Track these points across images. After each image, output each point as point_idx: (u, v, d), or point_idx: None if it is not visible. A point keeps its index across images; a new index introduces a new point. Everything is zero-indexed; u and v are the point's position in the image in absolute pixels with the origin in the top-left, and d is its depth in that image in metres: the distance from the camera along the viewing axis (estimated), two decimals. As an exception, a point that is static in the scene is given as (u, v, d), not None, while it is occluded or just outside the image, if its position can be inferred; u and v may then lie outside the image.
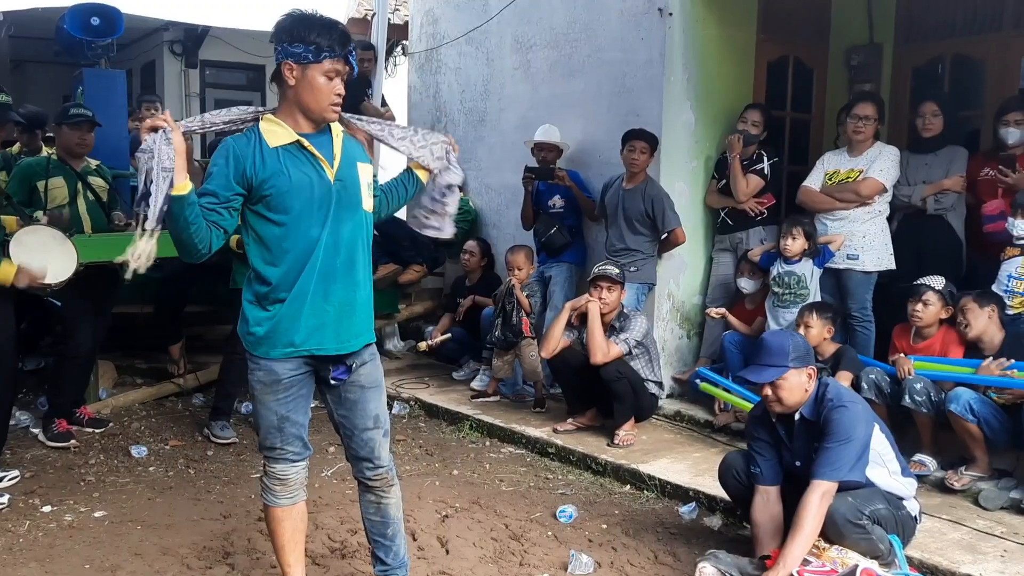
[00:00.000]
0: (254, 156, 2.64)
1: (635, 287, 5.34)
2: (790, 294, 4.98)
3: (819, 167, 5.27)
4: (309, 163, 2.70)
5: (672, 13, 5.45)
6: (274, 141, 2.68)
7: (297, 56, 2.60)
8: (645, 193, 5.42)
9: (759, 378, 3.28)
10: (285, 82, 2.65)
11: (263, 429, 2.85)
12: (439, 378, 6.42)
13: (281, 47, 2.63)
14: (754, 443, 3.43)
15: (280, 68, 2.65)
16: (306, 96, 2.64)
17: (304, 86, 2.63)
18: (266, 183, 2.64)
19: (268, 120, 2.72)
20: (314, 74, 2.61)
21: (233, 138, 2.70)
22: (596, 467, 4.65)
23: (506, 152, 6.90)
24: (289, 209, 2.66)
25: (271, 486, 2.91)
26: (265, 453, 2.90)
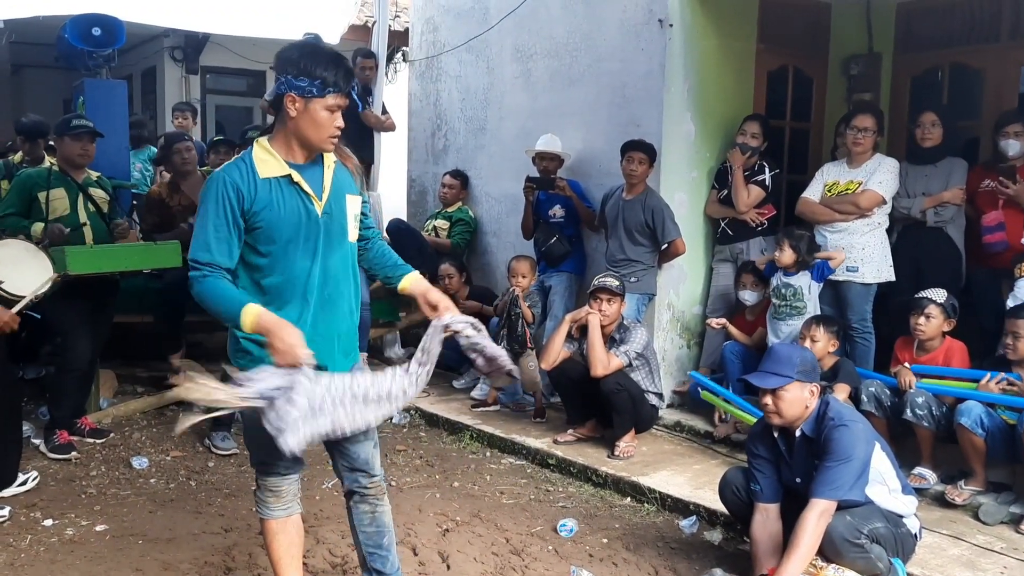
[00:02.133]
0: (248, 189, 2.65)
1: (635, 298, 5.35)
2: (787, 306, 4.99)
3: (818, 178, 5.28)
4: (298, 196, 2.71)
5: (672, 24, 5.46)
6: (265, 171, 2.68)
7: (301, 90, 2.60)
8: (645, 204, 5.43)
9: (762, 383, 3.29)
10: (285, 112, 2.65)
11: (261, 451, 2.85)
12: (439, 387, 6.43)
13: (285, 79, 2.63)
14: (754, 460, 3.44)
15: (282, 98, 2.64)
16: (307, 128, 2.65)
17: (306, 119, 2.63)
18: (257, 216, 2.66)
19: (261, 147, 2.71)
20: (317, 108, 2.62)
21: (221, 177, 2.66)
22: (596, 479, 4.66)
23: (506, 160, 6.91)
24: (276, 240, 2.68)
25: (265, 499, 2.94)
26: (261, 473, 2.92)
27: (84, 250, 4.69)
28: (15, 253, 4.27)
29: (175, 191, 5.95)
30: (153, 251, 5.01)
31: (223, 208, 2.61)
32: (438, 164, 7.70)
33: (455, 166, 7.37)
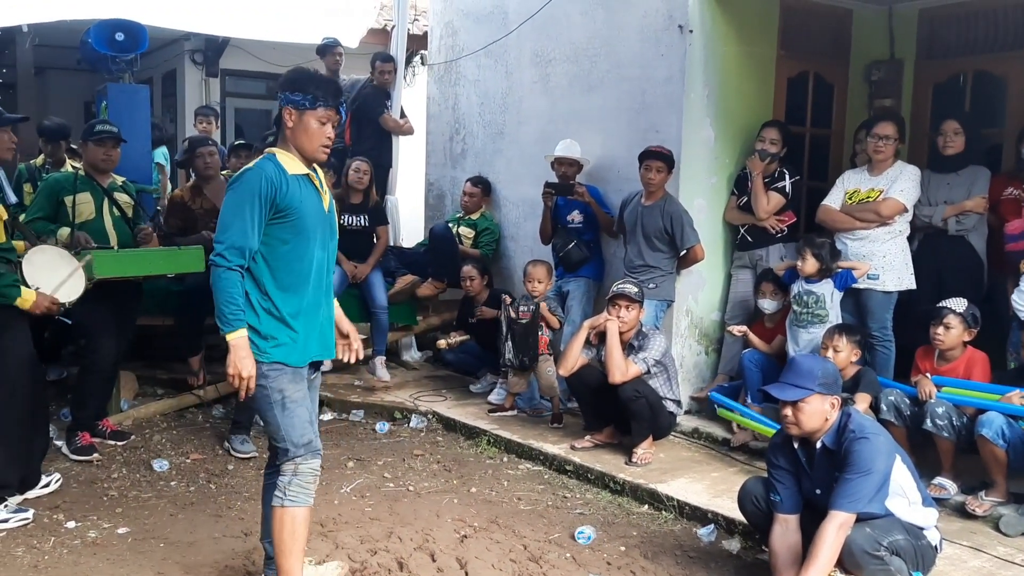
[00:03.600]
0: (280, 183, 3.00)
1: (654, 304, 5.35)
2: (808, 314, 4.97)
3: (839, 186, 5.26)
4: (315, 192, 3.13)
5: (692, 30, 5.46)
6: (291, 169, 3.07)
7: (296, 103, 3.02)
8: (664, 210, 5.43)
9: (782, 395, 3.28)
10: (284, 124, 3.06)
11: (297, 428, 3.08)
12: (456, 391, 6.45)
13: (283, 95, 3.05)
14: (774, 471, 3.43)
15: (281, 112, 3.06)
16: (300, 137, 3.05)
17: (300, 129, 3.04)
18: (290, 207, 3.02)
19: (282, 154, 3.08)
20: (309, 119, 3.03)
21: (259, 169, 3.02)
22: (614, 486, 4.66)
23: (524, 165, 6.92)
24: (301, 231, 3.05)
25: (306, 485, 3.13)
26: (300, 452, 3.10)
27: (110, 254, 4.73)
28: (50, 259, 4.33)
29: (198, 195, 6.00)
30: (176, 256, 5.06)
31: (257, 198, 2.95)
32: (456, 168, 7.72)
33: (473, 170, 7.39)
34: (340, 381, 6.61)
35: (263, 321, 3.03)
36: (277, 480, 3.13)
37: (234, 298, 2.93)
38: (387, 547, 3.90)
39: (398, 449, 5.37)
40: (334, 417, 6.04)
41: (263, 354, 3.02)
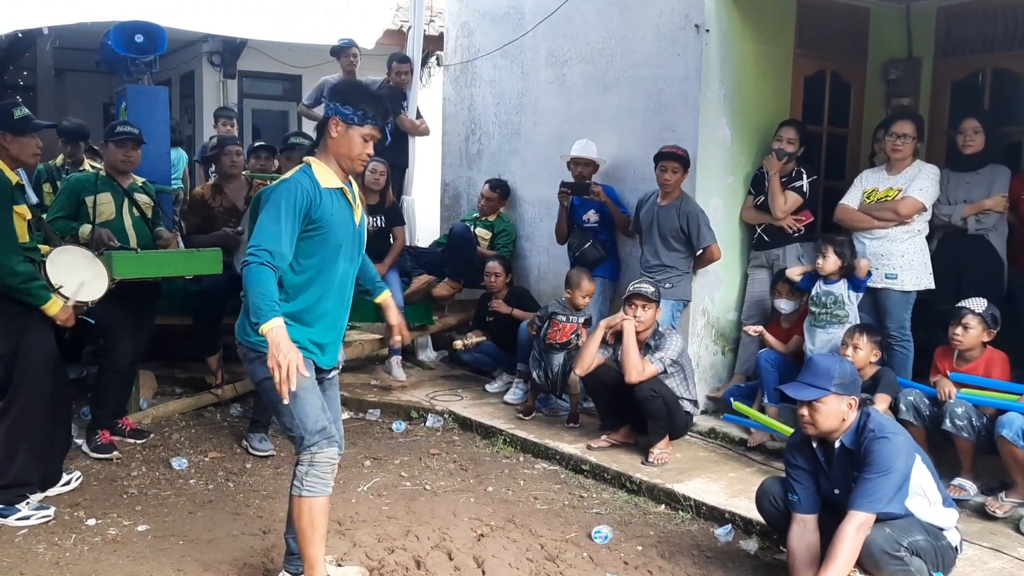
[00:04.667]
0: (315, 196, 3.06)
1: (670, 304, 5.34)
2: (827, 314, 4.95)
3: (857, 185, 5.24)
4: (347, 206, 3.19)
5: (709, 29, 5.44)
6: (325, 183, 3.12)
7: (345, 116, 3.09)
8: (680, 209, 5.42)
9: (798, 395, 3.28)
10: (328, 133, 3.12)
11: (311, 416, 3.11)
12: (472, 390, 6.46)
13: (334, 105, 3.11)
14: (792, 470, 3.42)
15: (327, 121, 3.12)
16: (343, 149, 3.12)
17: (344, 141, 3.11)
18: (321, 220, 3.08)
19: (316, 164, 3.14)
20: (354, 134, 3.10)
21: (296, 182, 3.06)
22: (631, 486, 4.66)
23: (540, 165, 6.93)
24: (330, 244, 3.12)
25: (323, 475, 3.15)
26: (316, 440, 3.12)
27: (130, 255, 4.78)
28: (74, 259, 4.37)
29: (218, 193, 6.04)
30: (195, 258, 5.10)
31: (294, 210, 3.00)
32: (472, 168, 7.74)
33: (489, 171, 7.40)
34: (357, 381, 6.64)
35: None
36: (296, 469, 3.16)
37: (268, 290, 2.89)
38: (404, 546, 3.91)
39: (415, 448, 5.39)
40: (351, 416, 6.06)
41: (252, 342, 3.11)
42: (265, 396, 3.18)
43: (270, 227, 2.97)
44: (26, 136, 4.08)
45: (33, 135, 4.11)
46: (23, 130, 4.05)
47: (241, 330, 3.18)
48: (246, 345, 3.15)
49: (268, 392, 3.07)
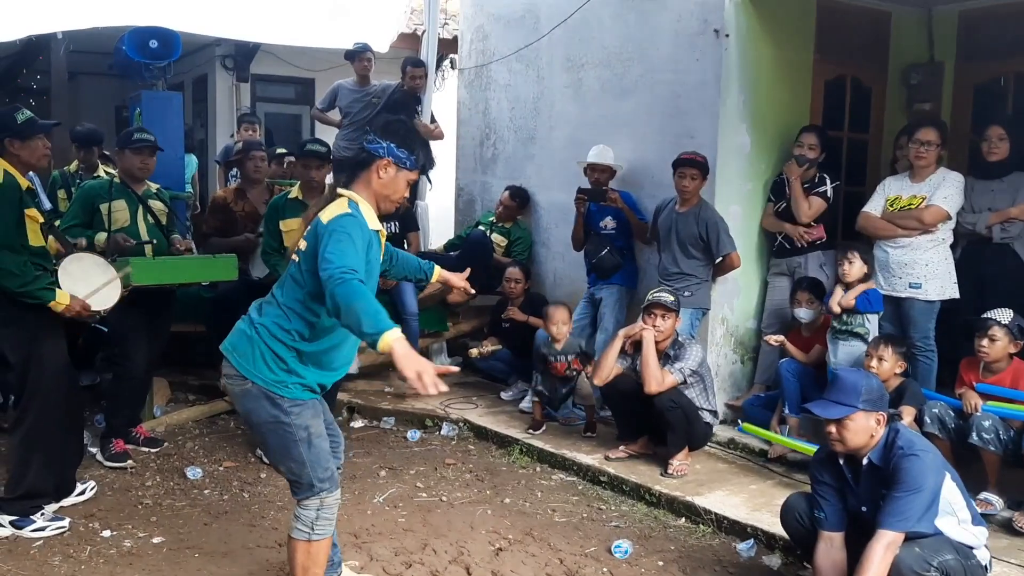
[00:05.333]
0: (369, 238, 2.96)
1: (689, 312, 5.27)
2: (847, 332, 4.89)
3: (880, 192, 5.16)
4: (378, 246, 3.10)
5: (728, 34, 5.38)
6: (371, 224, 3.00)
7: (400, 159, 2.99)
8: (699, 217, 5.36)
9: (825, 413, 3.21)
10: (374, 172, 2.99)
11: (322, 463, 3.02)
12: (487, 398, 6.41)
13: (388, 146, 2.99)
14: (818, 486, 3.36)
15: (375, 159, 2.99)
16: (389, 191, 3.03)
17: (393, 183, 3.02)
18: (367, 263, 2.96)
19: (363, 204, 3.00)
20: (402, 177, 3.03)
21: (360, 220, 2.92)
22: (650, 498, 4.59)
23: (555, 171, 6.87)
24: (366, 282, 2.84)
25: (331, 516, 3.07)
26: (325, 486, 3.03)
27: (147, 262, 4.75)
28: (86, 267, 4.34)
29: (241, 198, 6.00)
30: (211, 264, 5.07)
31: (363, 244, 2.88)
32: (486, 173, 7.69)
33: (504, 176, 7.35)
34: (371, 387, 6.60)
35: (290, 359, 2.93)
36: (300, 514, 3.03)
37: (372, 304, 2.63)
38: (422, 559, 3.87)
39: (430, 458, 5.34)
40: (365, 424, 6.02)
41: (286, 388, 2.93)
42: (270, 440, 2.98)
43: (351, 252, 2.77)
44: (33, 140, 4.02)
45: (40, 137, 4.07)
46: (29, 134, 4.00)
47: (249, 363, 2.92)
48: (257, 383, 2.91)
49: (274, 435, 2.94)
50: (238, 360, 2.94)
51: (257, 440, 3.08)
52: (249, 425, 3.07)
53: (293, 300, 2.93)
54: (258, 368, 2.91)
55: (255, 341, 2.92)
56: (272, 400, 2.90)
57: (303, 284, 2.92)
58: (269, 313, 2.96)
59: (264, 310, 2.99)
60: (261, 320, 2.95)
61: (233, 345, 2.98)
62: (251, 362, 2.92)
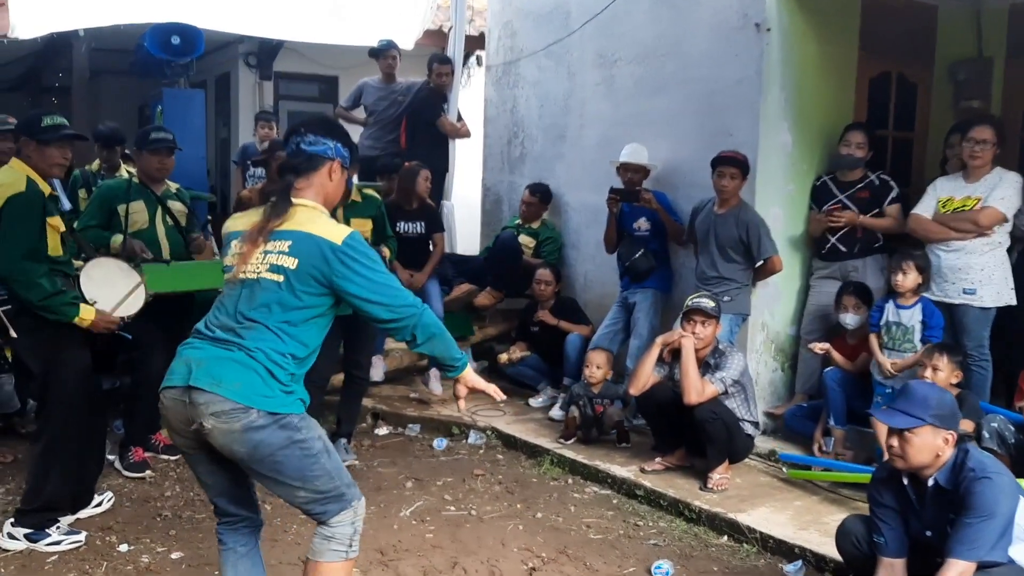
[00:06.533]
0: None
1: (728, 318, 5.04)
2: (892, 343, 4.67)
3: (931, 193, 4.91)
4: None
5: (770, 29, 5.15)
6: None
7: (346, 160, 2.79)
8: (739, 218, 5.13)
9: (890, 421, 2.99)
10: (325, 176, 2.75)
11: (343, 474, 2.75)
12: (515, 404, 6.20)
13: (335, 145, 2.76)
14: (878, 509, 3.13)
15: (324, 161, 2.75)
16: (337, 194, 2.82)
17: (340, 185, 2.81)
18: None
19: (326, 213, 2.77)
20: (345, 179, 2.82)
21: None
22: (689, 514, 4.38)
23: (586, 170, 6.66)
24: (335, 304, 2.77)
25: (359, 530, 2.77)
26: (354, 491, 2.77)
27: (162, 268, 4.59)
28: (109, 272, 4.19)
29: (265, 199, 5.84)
30: (230, 268, 4.89)
31: None
32: (514, 173, 7.49)
33: (532, 175, 7.15)
34: (395, 393, 6.42)
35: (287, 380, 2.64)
36: (334, 533, 2.73)
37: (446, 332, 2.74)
38: (452, 579, 3.68)
39: (457, 468, 5.15)
40: (390, 431, 5.85)
41: (291, 406, 2.63)
42: (287, 467, 2.62)
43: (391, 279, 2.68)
44: (51, 147, 3.81)
45: (59, 147, 3.87)
46: (47, 139, 3.80)
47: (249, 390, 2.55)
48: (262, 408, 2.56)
49: (291, 459, 2.61)
50: (234, 391, 2.54)
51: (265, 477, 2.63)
52: (255, 462, 2.60)
53: (284, 324, 2.61)
54: (260, 393, 2.57)
55: (252, 367, 2.57)
56: (280, 422, 2.59)
57: (298, 305, 2.62)
58: (258, 337, 2.59)
59: (247, 334, 2.59)
60: (256, 344, 2.59)
61: (218, 378, 2.55)
62: (251, 388, 2.55)
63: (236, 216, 2.90)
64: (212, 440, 2.58)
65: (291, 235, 2.63)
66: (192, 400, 2.56)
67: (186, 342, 2.71)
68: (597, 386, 5.36)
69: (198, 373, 2.56)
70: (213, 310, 2.72)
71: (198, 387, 2.54)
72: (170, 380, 2.64)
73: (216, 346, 2.62)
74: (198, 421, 2.56)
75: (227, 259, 2.74)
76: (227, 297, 2.68)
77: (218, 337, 2.63)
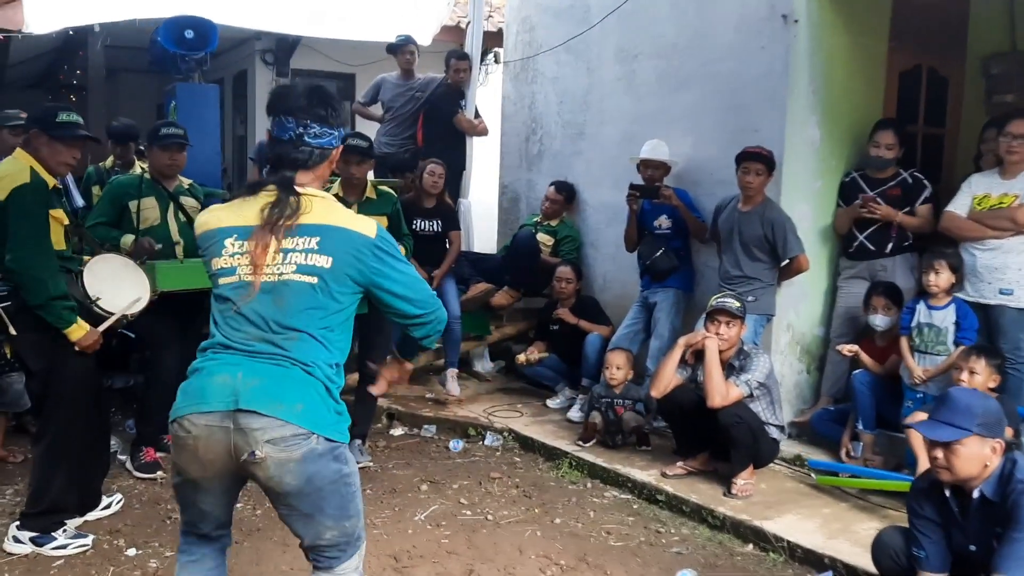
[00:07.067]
0: None
1: (753, 319, 4.88)
2: (924, 345, 4.50)
3: (965, 190, 4.74)
4: None
5: (798, 20, 5.00)
6: None
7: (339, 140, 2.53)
8: (764, 216, 4.98)
9: (934, 435, 2.83)
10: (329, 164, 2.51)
11: (362, 515, 2.45)
12: (532, 405, 6.09)
13: (340, 132, 2.50)
14: (918, 521, 2.97)
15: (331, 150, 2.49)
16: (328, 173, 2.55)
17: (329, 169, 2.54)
18: None
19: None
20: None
21: None
22: (713, 520, 4.23)
23: (605, 167, 6.52)
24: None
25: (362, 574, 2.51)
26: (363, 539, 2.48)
27: (174, 266, 4.49)
28: (114, 269, 4.09)
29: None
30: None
31: None
32: (532, 170, 7.36)
33: (550, 173, 7.02)
34: (411, 393, 6.31)
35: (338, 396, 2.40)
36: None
37: None
38: (468, 588, 3.56)
39: (473, 470, 5.03)
40: (405, 432, 5.74)
41: (345, 433, 2.37)
42: (329, 504, 2.32)
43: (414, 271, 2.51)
44: (63, 145, 3.70)
45: (72, 146, 3.76)
46: (59, 136, 3.69)
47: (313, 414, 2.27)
48: (324, 434, 2.28)
49: (336, 496, 2.32)
50: (297, 414, 2.23)
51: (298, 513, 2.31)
52: (300, 496, 2.28)
53: (324, 330, 2.34)
54: (321, 415, 2.29)
55: (312, 384, 2.29)
56: (335, 452, 2.30)
57: (336, 309, 2.35)
58: (308, 349, 2.31)
59: (293, 346, 2.30)
60: (311, 358, 2.31)
61: (278, 399, 2.23)
62: (313, 410, 2.27)
63: (215, 209, 2.49)
64: (258, 471, 2.24)
65: (318, 230, 2.32)
66: (242, 426, 2.21)
67: (209, 359, 2.34)
68: (618, 387, 5.22)
69: (251, 394, 2.22)
70: (225, 322, 2.34)
71: (253, 410, 2.20)
72: (203, 404, 2.25)
73: (263, 361, 2.28)
74: (248, 451, 2.21)
75: (222, 260, 2.35)
76: (243, 306, 2.30)
77: (260, 351, 2.29)
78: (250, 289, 2.29)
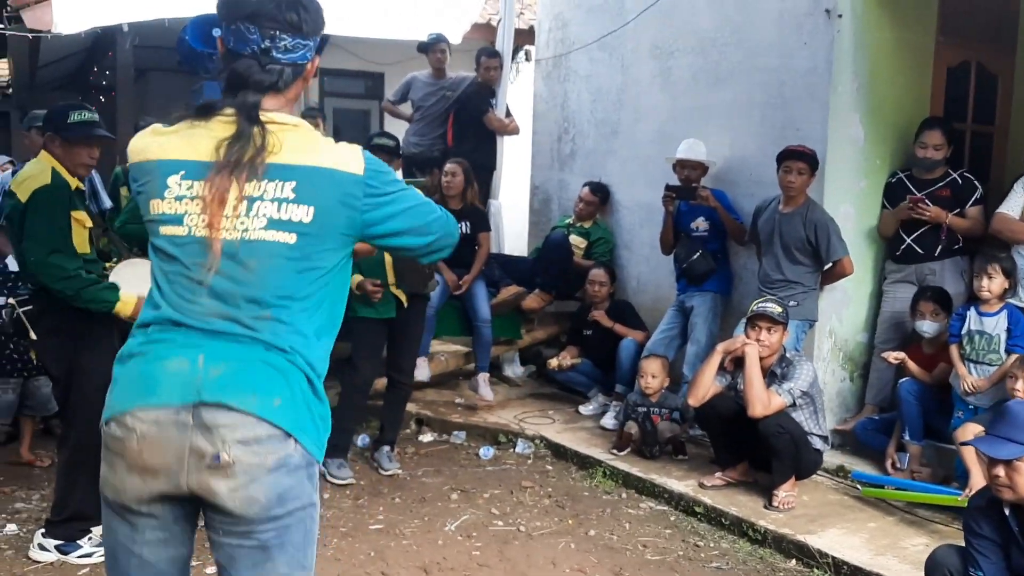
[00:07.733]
0: None
1: (794, 325, 4.71)
2: (975, 353, 4.32)
3: (1019, 191, 4.54)
4: None
5: (842, 14, 4.82)
6: None
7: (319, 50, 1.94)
8: (806, 218, 4.81)
9: (994, 452, 2.68)
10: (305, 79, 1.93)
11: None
12: (564, 412, 5.95)
13: (315, 40, 1.89)
14: (975, 540, 2.81)
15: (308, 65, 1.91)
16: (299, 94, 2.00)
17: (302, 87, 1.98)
18: None
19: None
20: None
21: None
22: (753, 534, 4.07)
23: (640, 167, 6.37)
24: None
25: None
26: None
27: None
28: (141, 274, 3.99)
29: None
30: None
31: None
32: (564, 170, 7.23)
33: (583, 173, 6.88)
34: (440, 398, 6.20)
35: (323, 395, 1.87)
36: None
37: None
38: (500, 603, 3.44)
39: (505, 479, 4.90)
40: (434, 438, 5.63)
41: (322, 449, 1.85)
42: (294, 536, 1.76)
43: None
44: (78, 146, 3.61)
45: (88, 146, 3.68)
46: (74, 137, 3.60)
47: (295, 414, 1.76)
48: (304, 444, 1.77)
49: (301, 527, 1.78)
50: (273, 411, 1.73)
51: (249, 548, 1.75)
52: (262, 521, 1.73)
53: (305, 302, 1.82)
54: (301, 416, 1.78)
55: (291, 374, 1.78)
56: (310, 470, 1.80)
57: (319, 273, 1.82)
58: (284, 331, 1.78)
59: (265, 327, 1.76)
60: (288, 342, 1.78)
61: (249, 389, 1.73)
62: (292, 408, 1.76)
63: (157, 132, 1.87)
64: (219, 484, 1.70)
65: (293, 172, 1.77)
66: (204, 422, 1.70)
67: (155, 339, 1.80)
68: (654, 396, 5.07)
69: (217, 383, 1.72)
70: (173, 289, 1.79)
71: (220, 403, 1.71)
72: (151, 396, 1.75)
73: (228, 341, 1.75)
74: (211, 454, 1.70)
75: (164, 204, 1.78)
76: (194, 267, 1.76)
77: (223, 330, 1.75)
78: (209, 255, 1.74)
